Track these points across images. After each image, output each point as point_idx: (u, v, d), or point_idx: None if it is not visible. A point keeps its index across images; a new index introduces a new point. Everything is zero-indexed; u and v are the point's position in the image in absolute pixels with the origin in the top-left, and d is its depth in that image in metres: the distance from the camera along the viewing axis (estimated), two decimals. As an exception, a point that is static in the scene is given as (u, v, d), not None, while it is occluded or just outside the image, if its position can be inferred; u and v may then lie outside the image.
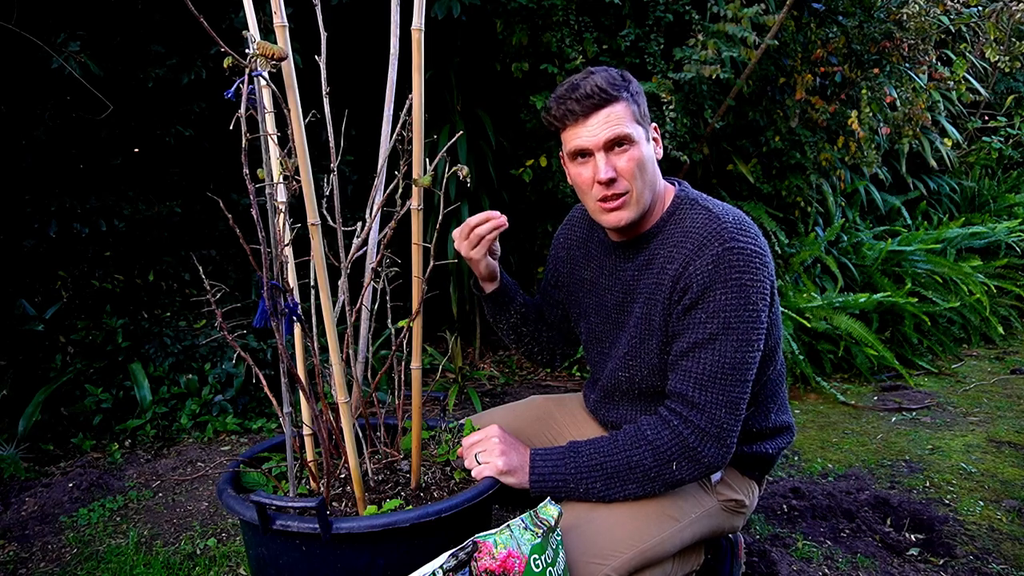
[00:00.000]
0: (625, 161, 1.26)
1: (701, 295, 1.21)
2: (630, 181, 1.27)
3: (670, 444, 1.20)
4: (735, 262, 1.20)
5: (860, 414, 3.11)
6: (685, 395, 1.21)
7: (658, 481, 1.23)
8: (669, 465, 1.20)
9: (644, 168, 1.28)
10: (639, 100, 1.30)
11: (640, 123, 1.29)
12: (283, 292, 1.18)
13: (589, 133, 1.26)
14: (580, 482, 1.24)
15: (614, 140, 1.25)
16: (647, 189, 1.29)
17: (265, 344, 3.07)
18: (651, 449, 1.21)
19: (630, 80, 1.30)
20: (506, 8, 3.17)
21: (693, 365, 1.21)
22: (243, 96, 1.05)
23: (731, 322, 1.19)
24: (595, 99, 1.25)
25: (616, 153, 1.27)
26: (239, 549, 2.03)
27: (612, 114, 1.25)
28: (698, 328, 1.21)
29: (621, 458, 1.22)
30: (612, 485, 1.23)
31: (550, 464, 1.26)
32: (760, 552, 1.91)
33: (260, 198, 1.14)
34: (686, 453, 1.20)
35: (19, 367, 2.80)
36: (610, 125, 1.25)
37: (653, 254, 1.34)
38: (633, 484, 1.23)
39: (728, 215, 1.27)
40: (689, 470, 1.22)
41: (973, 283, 4.11)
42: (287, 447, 1.25)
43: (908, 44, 3.58)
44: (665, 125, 3.21)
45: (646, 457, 1.21)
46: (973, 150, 5.65)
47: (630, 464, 1.21)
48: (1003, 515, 2.15)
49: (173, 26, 2.84)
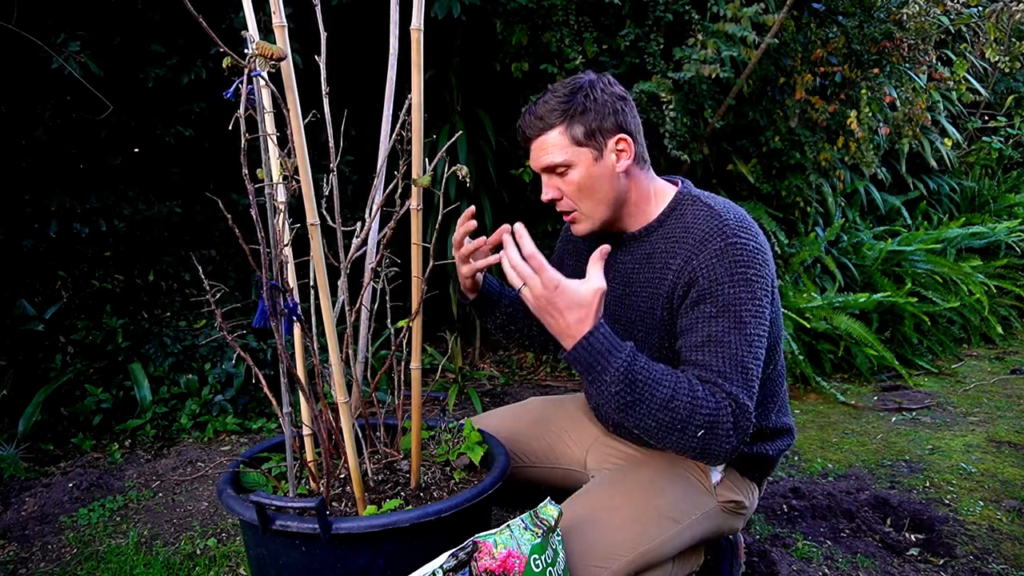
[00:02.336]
0: (566, 184, 1.31)
1: (708, 289, 1.21)
2: (574, 201, 1.32)
3: (710, 410, 1.13)
4: (739, 257, 1.21)
5: (860, 414, 3.11)
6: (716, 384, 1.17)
7: (677, 436, 1.14)
8: (696, 430, 1.13)
9: (588, 188, 1.30)
10: (584, 120, 1.27)
11: (584, 144, 1.27)
12: (283, 292, 1.18)
13: (531, 157, 1.34)
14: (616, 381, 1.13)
15: (545, 168, 1.31)
16: (600, 205, 1.31)
17: (265, 344, 3.07)
18: (693, 404, 1.13)
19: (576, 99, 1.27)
20: (506, 8, 3.17)
21: (712, 359, 1.18)
22: (242, 96, 1.05)
23: (742, 316, 1.19)
24: (532, 128, 1.31)
25: (557, 175, 1.32)
26: (239, 549, 2.03)
27: (545, 142, 1.30)
28: (710, 322, 1.20)
29: (666, 391, 1.13)
30: (639, 407, 1.14)
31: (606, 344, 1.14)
32: (760, 552, 1.91)
33: (260, 198, 1.14)
34: (715, 429, 1.13)
35: (19, 367, 2.80)
36: (544, 153, 1.30)
37: (653, 248, 1.34)
38: (653, 421, 1.14)
39: (730, 212, 1.27)
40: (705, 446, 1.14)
41: (973, 283, 4.11)
42: (287, 447, 1.25)
43: (908, 44, 3.58)
44: (665, 125, 3.20)
45: (684, 407, 1.12)
46: (973, 150, 5.65)
47: (669, 403, 1.13)
48: (1003, 515, 2.15)
49: (173, 26, 2.84)
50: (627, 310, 1.38)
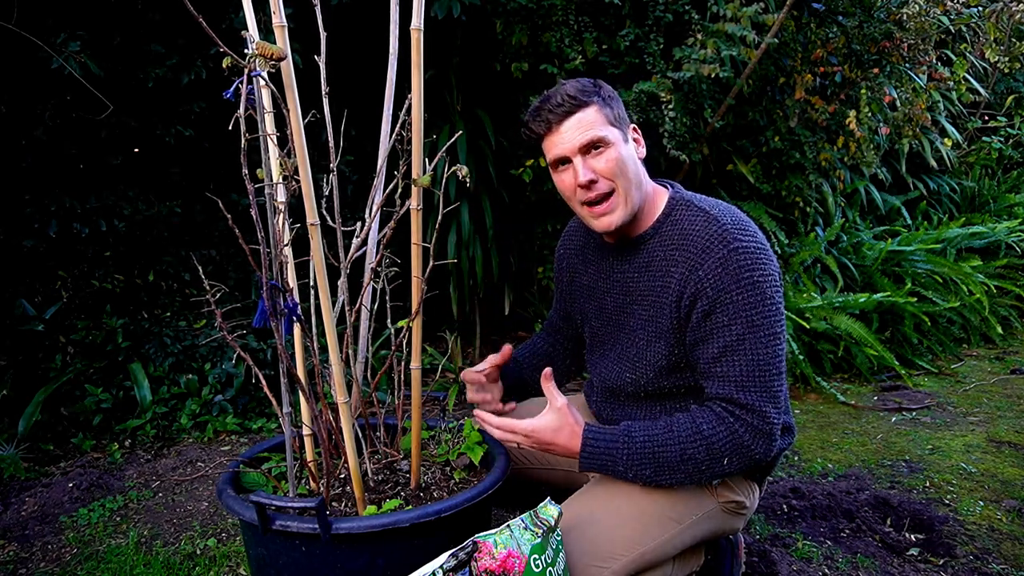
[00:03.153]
0: (604, 162, 1.28)
1: (716, 299, 1.21)
2: (613, 180, 1.29)
3: (725, 441, 1.20)
4: (743, 261, 1.21)
5: (860, 414, 3.11)
6: (731, 398, 1.21)
7: (707, 474, 1.24)
8: (721, 460, 1.21)
9: (625, 167, 1.29)
10: (612, 104, 1.31)
11: (616, 125, 1.30)
12: (283, 292, 1.18)
13: (563, 140, 1.29)
14: (631, 467, 1.24)
15: (589, 143, 1.28)
16: (633, 187, 1.30)
17: (265, 344, 3.07)
18: (705, 445, 1.21)
19: (601, 86, 1.31)
20: (506, 8, 3.17)
21: (730, 369, 1.21)
22: (242, 96, 1.05)
23: (754, 320, 1.20)
24: (566, 106, 1.27)
25: (593, 156, 1.29)
26: (239, 549, 2.03)
27: (584, 119, 1.27)
28: (724, 332, 1.22)
29: (675, 450, 1.22)
30: (661, 473, 1.24)
31: (603, 444, 1.26)
32: (760, 552, 1.91)
33: (260, 198, 1.14)
34: (739, 450, 1.20)
35: (19, 367, 2.80)
36: (583, 129, 1.27)
37: (651, 256, 1.34)
38: (682, 474, 1.24)
39: (725, 216, 1.27)
40: (739, 464, 1.23)
41: (973, 283, 4.11)
42: (287, 447, 1.25)
43: (908, 44, 3.58)
44: (664, 125, 3.20)
45: (700, 451, 1.21)
46: (973, 150, 5.65)
47: (683, 457, 1.22)
48: (1003, 515, 2.15)
49: (173, 26, 2.84)
50: (629, 318, 1.38)
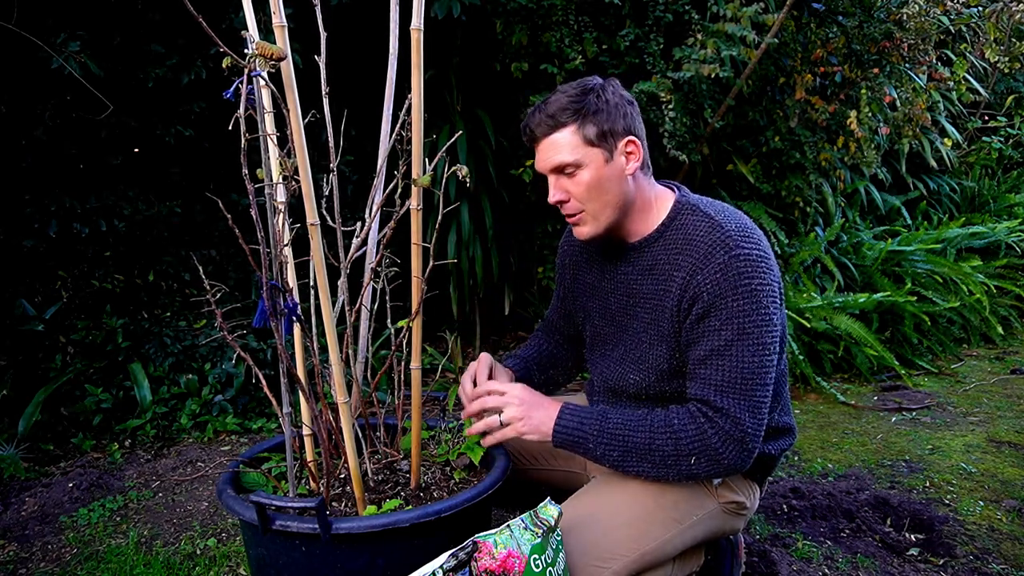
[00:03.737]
0: (574, 185, 1.29)
1: (712, 304, 1.22)
2: (581, 203, 1.30)
3: (692, 439, 1.21)
4: (743, 269, 1.21)
5: (860, 414, 3.11)
6: (707, 400, 1.22)
7: (673, 469, 1.24)
8: (688, 459, 1.22)
9: (598, 189, 1.28)
10: (598, 120, 1.26)
11: (596, 144, 1.27)
12: (282, 292, 1.18)
13: (540, 157, 1.32)
14: (599, 445, 1.26)
15: (557, 167, 1.29)
16: (607, 207, 1.30)
17: (265, 344, 3.06)
18: (673, 439, 1.22)
19: (589, 99, 1.27)
20: (506, 8, 3.17)
21: (712, 372, 1.22)
22: (242, 96, 1.05)
23: (746, 327, 1.20)
24: (543, 127, 1.29)
25: (565, 177, 1.30)
26: (239, 549, 2.03)
27: (556, 142, 1.27)
28: (713, 335, 1.22)
29: (644, 437, 1.24)
30: (628, 459, 1.25)
31: (576, 420, 1.28)
32: (760, 552, 1.91)
33: (260, 198, 1.14)
34: (706, 452, 1.21)
35: (19, 367, 2.80)
36: (554, 152, 1.28)
37: (655, 259, 1.33)
38: (648, 464, 1.25)
39: (730, 222, 1.27)
40: (707, 467, 1.23)
41: (973, 283, 4.11)
42: (287, 447, 1.25)
43: (908, 44, 3.58)
44: (664, 125, 3.20)
45: (667, 444, 1.22)
46: (973, 150, 5.65)
47: (651, 446, 1.23)
48: (1003, 515, 2.15)
49: (173, 26, 2.84)
50: (632, 320, 1.38)
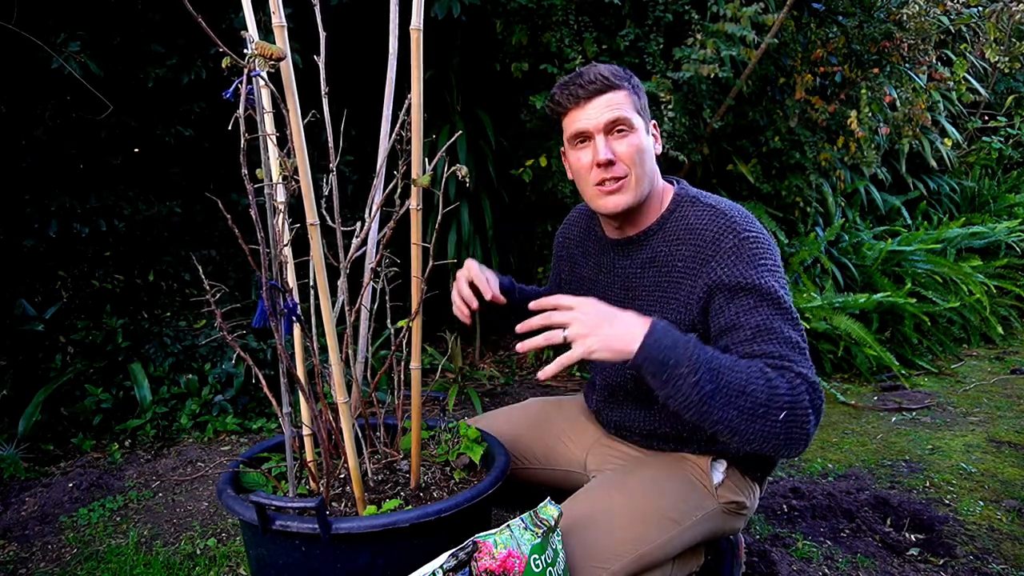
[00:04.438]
0: (625, 146, 1.28)
1: (736, 284, 1.21)
2: (628, 165, 1.29)
3: (787, 392, 1.10)
4: (756, 249, 1.22)
5: (860, 414, 3.11)
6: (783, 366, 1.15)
7: (759, 423, 1.09)
8: (777, 413, 1.09)
9: (643, 155, 1.30)
10: (640, 94, 1.33)
11: (640, 114, 1.32)
12: (282, 292, 1.18)
13: (589, 116, 1.29)
14: (693, 372, 1.08)
15: (614, 123, 1.28)
16: (645, 177, 1.31)
17: (265, 344, 3.07)
18: (769, 387, 1.10)
19: (632, 75, 1.34)
20: (506, 8, 3.17)
21: (770, 347, 1.16)
22: (242, 96, 1.05)
23: (780, 302, 1.19)
24: (598, 84, 1.28)
25: (615, 137, 1.29)
26: (239, 549, 2.03)
27: (613, 99, 1.28)
28: (753, 313, 1.18)
29: (740, 377, 1.10)
30: (718, 396, 1.09)
31: (670, 338, 1.11)
32: (760, 552, 1.91)
33: (259, 198, 1.14)
34: (796, 410, 1.10)
35: (19, 367, 2.80)
36: (611, 108, 1.28)
37: (655, 252, 1.33)
38: (735, 410, 1.09)
39: (733, 210, 1.29)
40: (791, 429, 1.10)
41: (973, 283, 4.11)
42: (287, 447, 1.25)
43: (908, 44, 3.58)
44: (664, 125, 3.20)
45: (761, 391, 1.09)
46: (973, 150, 5.65)
47: (745, 389, 1.09)
48: (1003, 515, 2.15)
49: (173, 26, 2.84)
50: None
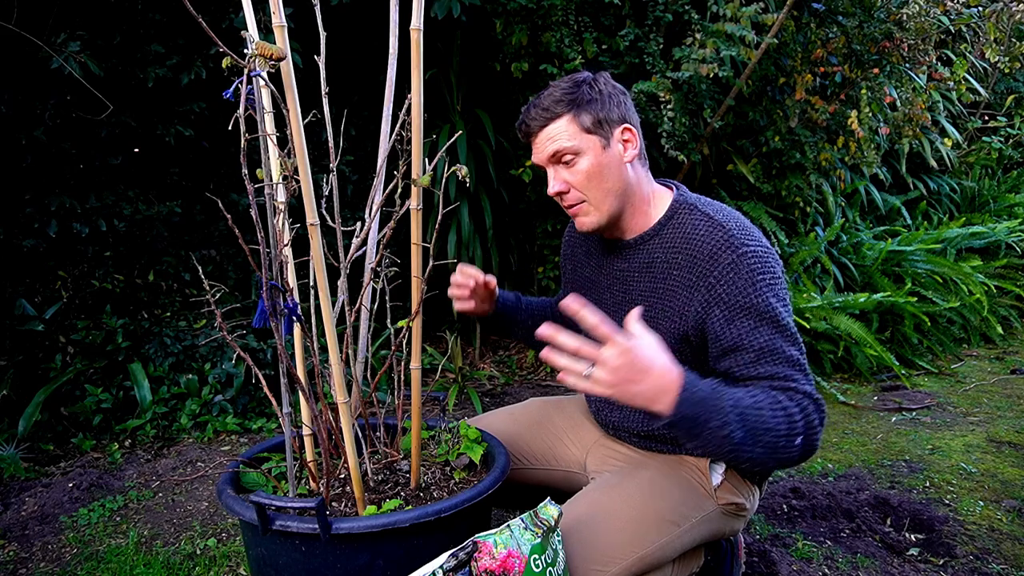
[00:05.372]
0: (572, 174, 1.30)
1: (736, 304, 1.21)
2: (583, 191, 1.31)
3: (800, 419, 1.13)
4: (754, 265, 1.21)
5: (860, 414, 3.11)
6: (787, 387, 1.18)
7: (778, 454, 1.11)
8: (795, 439, 1.12)
9: (598, 177, 1.29)
10: (593, 108, 1.28)
11: (593, 132, 1.28)
12: (282, 292, 1.18)
13: (536, 150, 1.33)
14: (727, 424, 1.07)
15: (555, 155, 1.30)
16: (608, 195, 1.30)
17: (265, 344, 3.07)
18: (787, 417, 1.12)
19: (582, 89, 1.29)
20: (506, 8, 3.17)
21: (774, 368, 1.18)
22: (242, 96, 1.05)
23: (779, 320, 1.20)
24: (539, 120, 1.30)
25: (564, 167, 1.31)
26: (239, 549, 2.03)
27: (553, 131, 1.29)
28: (754, 335, 1.19)
29: (763, 416, 1.10)
30: (748, 440, 1.08)
31: (699, 394, 1.07)
32: (760, 552, 1.91)
33: (259, 198, 1.14)
34: (809, 432, 1.13)
35: (19, 367, 2.80)
36: (552, 141, 1.29)
37: (652, 256, 1.33)
38: (761, 448, 1.09)
39: (730, 220, 1.27)
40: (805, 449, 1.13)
41: (973, 283, 4.11)
42: (287, 447, 1.25)
43: (908, 44, 3.58)
44: (663, 125, 3.20)
45: (782, 424, 1.11)
46: (973, 150, 5.65)
47: (767, 425, 1.10)
48: (1003, 515, 2.15)
49: (173, 26, 2.84)
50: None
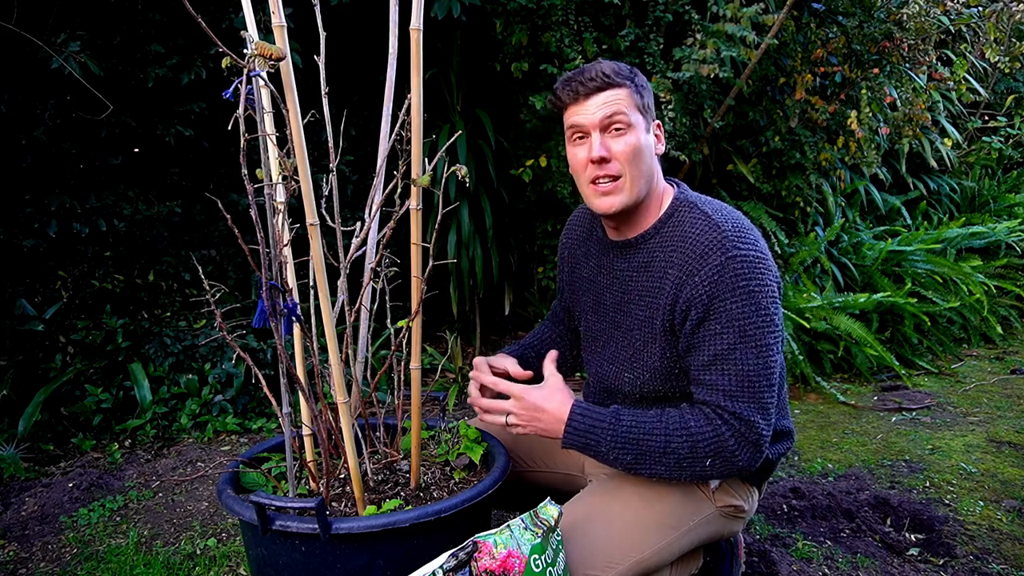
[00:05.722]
0: (621, 145, 1.27)
1: (710, 306, 1.20)
2: (623, 165, 1.28)
3: (710, 442, 1.19)
4: (740, 270, 1.20)
5: (860, 414, 3.11)
6: (719, 405, 1.20)
7: (687, 471, 1.22)
8: (703, 461, 1.20)
9: (640, 155, 1.28)
10: (644, 92, 1.31)
11: (642, 113, 1.30)
12: (282, 292, 1.18)
13: (586, 112, 1.28)
14: (612, 449, 1.23)
15: (610, 119, 1.27)
16: (642, 178, 1.29)
17: (265, 344, 3.07)
18: (690, 442, 1.20)
19: (637, 73, 1.32)
20: (506, 8, 3.17)
21: (719, 378, 1.20)
22: (242, 96, 1.05)
23: (747, 330, 1.19)
24: (598, 82, 1.27)
25: (612, 135, 1.28)
26: (239, 549, 2.03)
27: (612, 96, 1.27)
28: (715, 340, 1.20)
29: (659, 441, 1.21)
30: (642, 461, 1.22)
31: (587, 423, 1.25)
32: (760, 552, 1.91)
33: (259, 198, 1.14)
34: (722, 454, 1.19)
35: (19, 367, 2.80)
36: (608, 104, 1.26)
37: (651, 255, 1.33)
38: (662, 467, 1.22)
39: (727, 222, 1.26)
40: (721, 468, 1.21)
41: (973, 283, 4.11)
42: (287, 447, 1.25)
43: (908, 44, 3.58)
44: (664, 125, 3.20)
45: (684, 447, 1.20)
46: (973, 150, 5.65)
47: (666, 449, 1.21)
48: (1003, 515, 2.15)
49: (173, 26, 2.84)
50: (625, 317, 1.37)
